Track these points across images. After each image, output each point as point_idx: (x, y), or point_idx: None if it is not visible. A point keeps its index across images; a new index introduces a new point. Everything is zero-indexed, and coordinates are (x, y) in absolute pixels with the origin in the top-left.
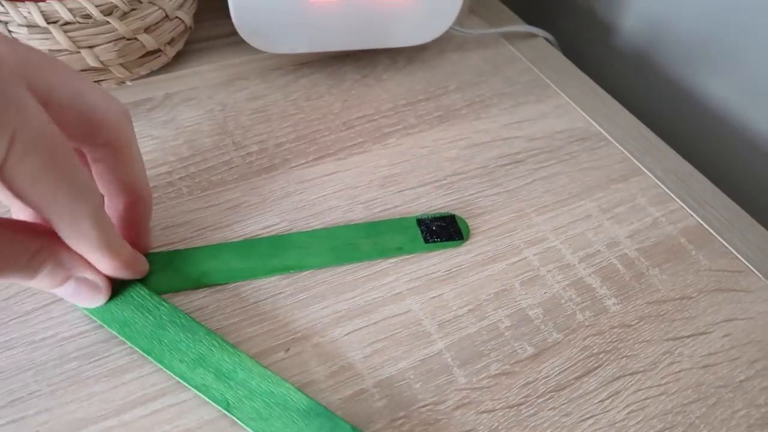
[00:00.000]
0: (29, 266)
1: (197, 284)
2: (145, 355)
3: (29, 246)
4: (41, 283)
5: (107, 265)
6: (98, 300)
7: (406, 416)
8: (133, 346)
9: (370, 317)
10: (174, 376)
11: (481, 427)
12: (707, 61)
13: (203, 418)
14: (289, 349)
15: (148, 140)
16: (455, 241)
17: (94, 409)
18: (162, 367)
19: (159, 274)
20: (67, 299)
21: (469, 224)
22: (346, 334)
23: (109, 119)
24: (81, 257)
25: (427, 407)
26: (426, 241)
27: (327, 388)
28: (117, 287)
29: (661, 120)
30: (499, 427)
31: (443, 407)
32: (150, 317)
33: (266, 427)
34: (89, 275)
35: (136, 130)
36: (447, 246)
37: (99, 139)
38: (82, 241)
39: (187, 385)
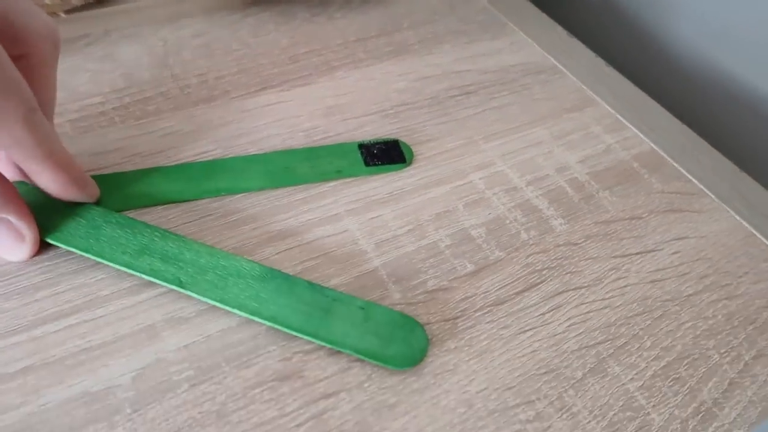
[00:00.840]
0: None
1: (123, 207)
2: (84, 254)
3: None
4: None
5: (53, 181)
6: (20, 252)
7: None
8: (68, 248)
9: (303, 237)
10: (118, 267)
11: None
12: (672, 5)
13: (118, 333)
14: None
15: (82, 74)
16: (398, 164)
17: (2, 324)
18: (103, 261)
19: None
20: None
21: (414, 150)
22: (277, 253)
23: (29, 31)
24: (10, 197)
25: None
26: (367, 164)
27: None
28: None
29: (625, 60)
30: (433, 339)
31: None
32: (81, 220)
33: (223, 294)
34: (13, 218)
35: (70, 64)
36: (389, 169)
37: (14, 50)
38: (17, 150)
39: (134, 272)
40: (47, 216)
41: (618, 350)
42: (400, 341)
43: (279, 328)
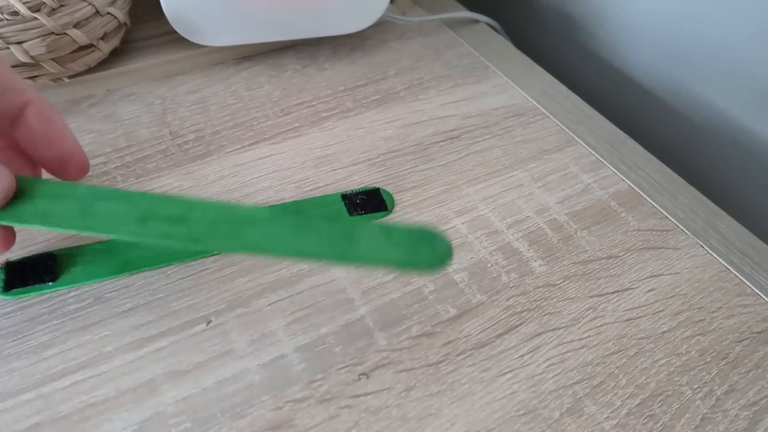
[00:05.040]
0: None
1: (121, 271)
2: (84, 232)
3: None
4: None
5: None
6: None
7: (323, 378)
8: (64, 230)
9: (294, 288)
10: (125, 237)
11: (399, 385)
12: (644, 40)
13: (121, 388)
14: (210, 321)
15: (86, 134)
16: (380, 213)
17: (13, 383)
18: (107, 234)
19: (86, 264)
20: None
21: (399, 198)
22: (269, 305)
23: (19, 84)
24: None
25: (346, 368)
26: (350, 214)
27: (246, 355)
28: (23, 189)
29: (603, 99)
30: (417, 384)
31: (362, 368)
32: (71, 201)
33: (244, 242)
34: None
35: (75, 125)
36: (372, 218)
37: (20, 99)
38: None
39: (144, 239)
40: (34, 205)
41: (594, 389)
42: (425, 247)
43: (309, 258)
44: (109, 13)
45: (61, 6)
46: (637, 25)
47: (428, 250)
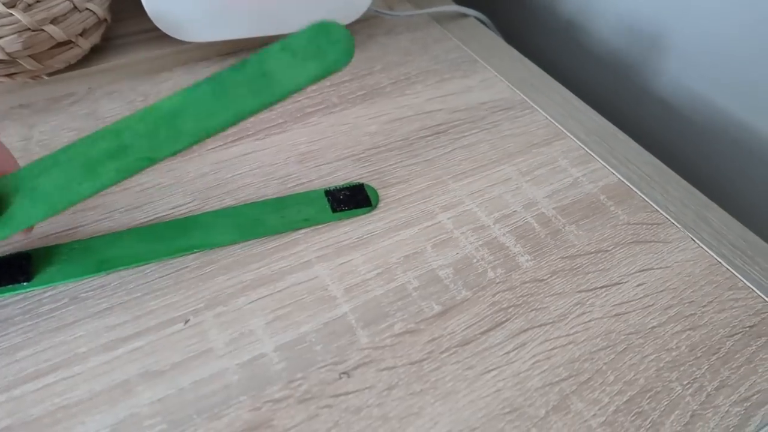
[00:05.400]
0: None
1: (98, 270)
2: (46, 217)
3: None
4: None
5: None
6: None
7: (303, 377)
8: (27, 224)
9: (275, 285)
10: (88, 196)
11: (381, 384)
12: (634, 33)
13: (94, 389)
14: (188, 320)
15: (67, 132)
16: (364, 209)
17: None
18: (69, 207)
19: (62, 264)
20: None
21: (385, 193)
22: (250, 303)
23: None
24: None
25: (327, 367)
26: (334, 210)
27: (225, 354)
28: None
29: (593, 92)
30: (399, 383)
31: (343, 366)
32: (15, 191)
33: (182, 138)
34: None
35: (56, 123)
36: (356, 214)
37: None
38: None
39: (103, 188)
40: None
41: (581, 386)
42: (328, 43)
43: (243, 117)
44: (87, 8)
45: (38, 2)
46: (626, 18)
47: (332, 46)
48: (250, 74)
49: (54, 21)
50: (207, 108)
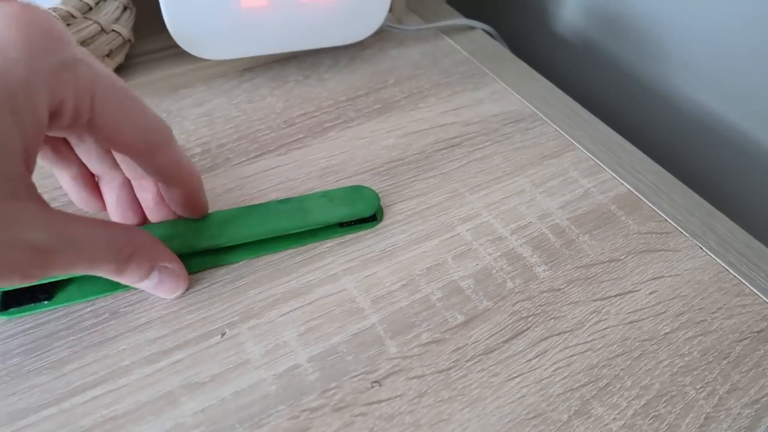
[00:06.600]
0: (119, 257)
1: (116, 288)
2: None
3: (120, 238)
4: (131, 275)
5: (201, 197)
6: (179, 288)
7: (337, 386)
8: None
9: (305, 298)
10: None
11: (411, 392)
12: (640, 43)
13: (140, 401)
14: (225, 333)
15: None
16: (369, 224)
17: (35, 399)
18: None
19: (80, 282)
20: (150, 291)
21: (404, 206)
22: (282, 315)
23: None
24: (161, 247)
25: (359, 377)
26: (340, 226)
27: (262, 365)
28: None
29: (600, 103)
30: (428, 391)
31: (374, 376)
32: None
33: (224, 237)
34: (169, 264)
35: None
36: (361, 229)
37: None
38: (177, 169)
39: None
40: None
41: (600, 391)
42: (359, 199)
43: (282, 232)
44: (114, 30)
45: (67, 25)
46: (632, 29)
47: (362, 201)
48: (293, 207)
49: (83, 43)
50: (251, 221)
